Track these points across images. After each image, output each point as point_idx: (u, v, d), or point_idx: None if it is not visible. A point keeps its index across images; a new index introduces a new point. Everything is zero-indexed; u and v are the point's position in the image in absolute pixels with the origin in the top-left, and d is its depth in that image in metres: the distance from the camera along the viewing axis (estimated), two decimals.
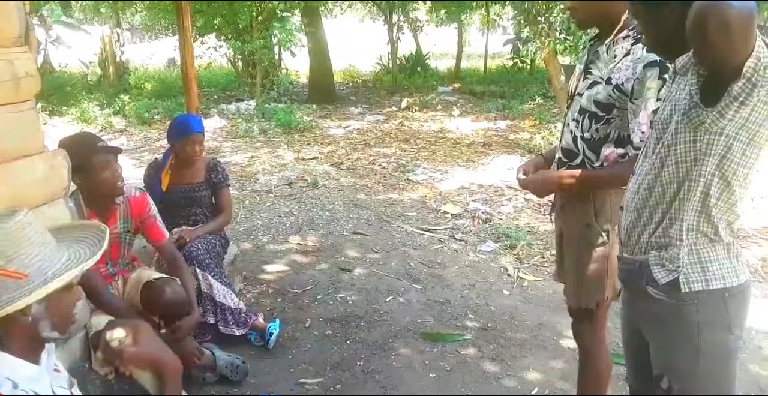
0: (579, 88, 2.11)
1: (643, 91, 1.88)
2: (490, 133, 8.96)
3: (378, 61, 16.57)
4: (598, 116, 2.02)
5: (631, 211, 1.66)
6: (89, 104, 10.99)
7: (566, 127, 2.16)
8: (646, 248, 1.62)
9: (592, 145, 2.07)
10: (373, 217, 5.38)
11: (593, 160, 2.07)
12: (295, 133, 9.18)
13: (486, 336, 3.34)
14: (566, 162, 2.16)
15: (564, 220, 2.24)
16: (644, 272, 1.61)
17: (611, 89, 1.96)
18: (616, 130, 2.02)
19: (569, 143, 2.14)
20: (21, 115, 2.23)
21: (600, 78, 2.02)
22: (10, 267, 1.14)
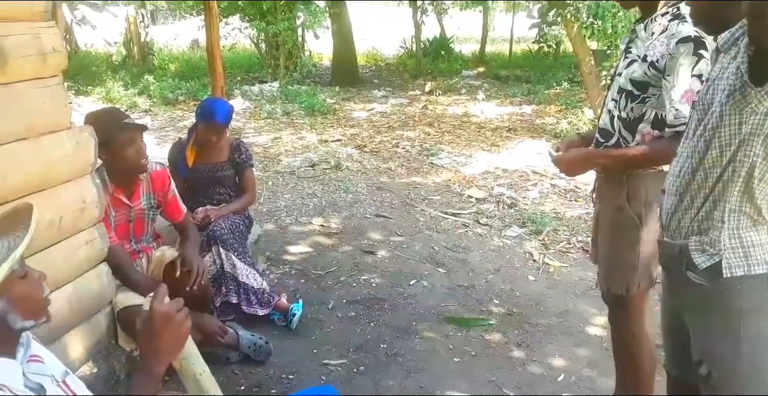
0: (619, 68, 2.07)
1: (675, 67, 1.83)
2: (515, 117, 8.85)
3: (402, 44, 16.41)
4: (633, 95, 1.98)
5: (672, 195, 1.61)
6: (114, 84, 11.05)
7: (605, 107, 2.12)
8: (686, 233, 1.56)
9: (627, 124, 2.02)
10: (396, 200, 5.34)
11: (629, 140, 2.03)
12: (318, 116, 9.14)
13: (511, 321, 3.30)
14: (602, 142, 2.12)
15: (599, 201, 2.20)
16: (684, 257, 1.55)
17: (647, 66, 1.92)
18: (651, 110, 1.97)
19: (606, 123, 2.10)
20: (48, 90, 2.21)
21: (637, 56, 1.98)
22: None
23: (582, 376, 2.80)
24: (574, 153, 2.17)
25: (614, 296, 2.18)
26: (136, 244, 2.81)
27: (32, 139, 2.10)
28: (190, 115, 8.96)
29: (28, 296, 1.24)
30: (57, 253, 2.22)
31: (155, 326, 1.27)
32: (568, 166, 2.18)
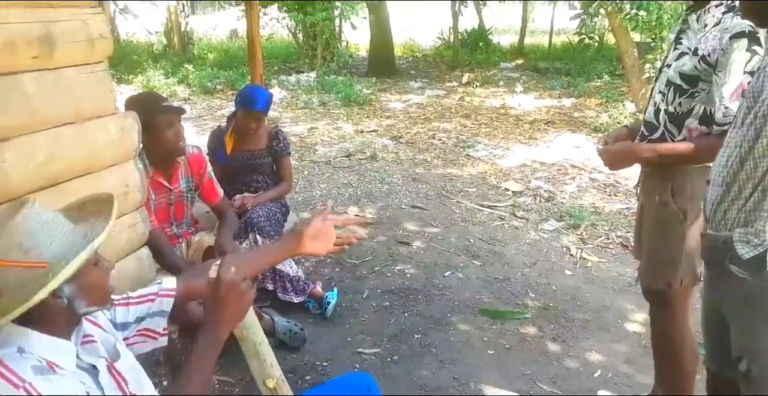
0: (668, 60, 2.01)
1: (727, 64, 1.76)
2: (554, 110, 8.72)
3: (439, 35, 16.29)
4: (682, 89, 1.92)
5: (719, 186, 1.56)
6: (155, 73, 11.23)
7: (651, 100, 2.07)
8: (732, 224, 1.51)
9: (674, 119, 1.97)
10: (431, 191, 5.32)
11: (674, 135, 1.98)
12: (355, 106, 9.15)
13: (547, 315, 3.26)
14: (647, 135, 2.07)
15: (643, 196, 2.16)
16: (728, 249, 1.51)
17: (697, 60, 1.86)
18: (700, 105, 1.91)
19: (651, 116, 2.05)
20: (95, 75, 2.24)
21: (688, 49, 1.92)
22: (30, 258, 1.14)
23: (619, 372, 2.76)
24: (618, 146, 2.12)
25: (655, 292, 2.13)
26: (177, 228, 2.85)
27: (78, 123, 2.14)
28: (228, 104, 9.06)
29: (97, 283, 1.27)
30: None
31: (221, 293, 1.31)
32: (612, 159, 2.12)
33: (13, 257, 1.14)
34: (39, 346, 1.19)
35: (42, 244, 1.16)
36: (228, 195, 3.35)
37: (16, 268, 1.14)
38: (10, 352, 1.16)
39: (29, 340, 1.19)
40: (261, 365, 1.38)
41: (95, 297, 1.26)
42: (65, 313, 1.22)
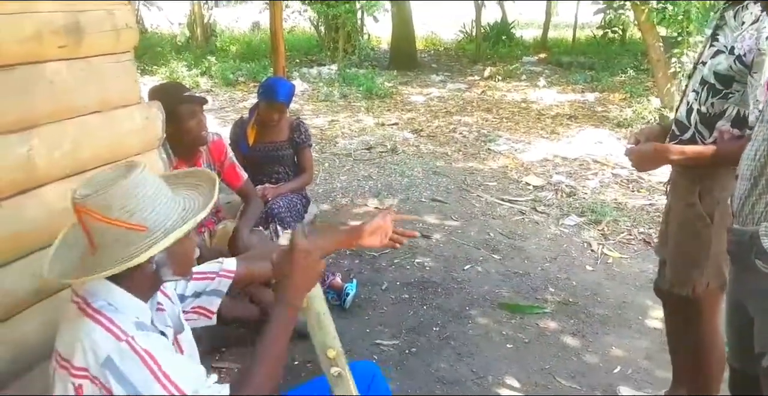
0: (704, 56, 1.93)
1: (763, 65, 1.70)
2: (577, 105, 8.63)
3: (461, 29, 16.19)
4: (716, 89, 1.86)
5: (746, 180, 1.53)
6: (178, 64, 11.31)
7: (684, 98, 2.00)
8: (759, 219, 1.49)
9: (706, 120, 1.91)
10: (452, 185, 5.30)
11: (705, 137, 1.92)
12: (376, 99, 9.14)
13: (566, 310, 3.25)
14: (677, 135, 2.01)
15: (672, 195, 2.11)
16: (754, 244, 1.48)
17: (733, 60, 1.79)
18: (734, 107, 1.85)
19: (683, 115, 1.99)
20: (121, 65, 2.27)
21: (724, 46, 1.84)
22: (132, 220, 1.19)
23: (639, 368, 2.74)
24: (647, 146, 2.04)
25: (680, 295, 2.10)
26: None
27: (104, 112, 2.17)
28: (250, 96, 9.11)
29: (185, 254, 1.32)
30: None
31: (296, 260, 1.33)
32: (638, 159, 2.05)
33: (116, 216, 1.18)
34: (123, 304, 1.24)
35: (145, 209, 1.20)
36: None
37: (117, 227, 1.18)
38: (104, 306, 1.21)
39: (115, 296, 1.24)
40: (324, 335, 1.40)
41: (181, 267, 1.31)
42: (151, 278, 1.27)
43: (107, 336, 1.15)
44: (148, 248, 1.18)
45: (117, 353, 1.13)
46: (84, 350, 1.14)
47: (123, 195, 1.18)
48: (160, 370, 1.13)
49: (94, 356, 1.13)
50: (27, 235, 1.87)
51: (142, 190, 1.21)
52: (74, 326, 1.20)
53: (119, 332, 1.16)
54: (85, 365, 1.14)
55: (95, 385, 1.13)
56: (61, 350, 1.20)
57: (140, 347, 1.14)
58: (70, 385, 1.15)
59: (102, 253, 1.21)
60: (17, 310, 1.87)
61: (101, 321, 1.18)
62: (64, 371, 1.17)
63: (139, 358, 1.13)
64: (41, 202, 1.92)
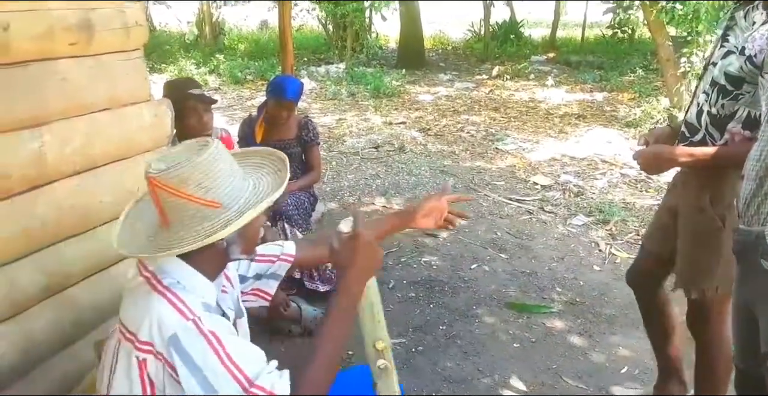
0: (714, 57, 1.92)
1: None
2: (585, 104, 8.60)
3: (470, 27, 16.16)
4: (726, 90, 1.84)
5: (752, 180, 1.53)
6: (186, 62, 11.35)
7: (695, 99, 1.99)
8: (765, 219, 1.48)
9: (716, 121, 1.89)
10: (459, 184, 5.30)
11: (716, 139, 1.90)
12: (383, 98, 9.14)
13: (574, 310, 3.24)
14: (688, 137, 1.99)
15: (681, 198, 2.08)
16: (759, 244, 1.48)
17: (744, 61, 1.76)
18: (744, 109, 1.83)
19: (693, 117, 1.97)
20: (131, 63, 2.28)
21: (735, 47, 1.82)
22: (207, 197, 1.19)
23: (647, 369, 2.73)
24: (655, 149, 2.03)
25: (690, 299, 2.09)
26: None
27: (114, 109, 2.18)
28: (258, 95, 9.13)
29: (254, 233, 1.33)
30: None
31: (359, 249, 1.32)
32: (647, 162, 2.02)
33: (191, 192, 1.19)
34: (192, 283, 1.24)
35: (220, 186, 1.21)
36: None
37: (193, 203, 1.19)
38: (174, 284, 1.22)
39: (185, 274, 1.24)
40: (374, 326, 1.38)
41: (249, 246, 1.32)
42: (221, 256, 1.28)
43: (175, 313, 1.16)
44: (226, 225, 1.18)
45: (183, 331, 1.14)
46: (150, 325, 1.15)
47: (199, 171, 1.19)
48: (224, 352, 1.13)
49: (159, 332, 1.14)
50: (37, 231, 1.89)
51: (218, 166, 1.21)
52: (143, 301, 1.20)
53: (187, 311, 1.16)
54: (150, 340, 1.15)
55: (159, 361, 1.14)
56: (128, 323, 1.20)
57: (206, 328, 1.14)
58: (134, 358, 1.16)
59: (176, 229, 1.21)
60: (27, 306, 1.89)
61: (170, 298, 1.18)
62: (130, 344, 1.17)
63: (204, 339, 1.13)
64: (51, 199, 1.93)
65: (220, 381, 1.12)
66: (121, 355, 1.19)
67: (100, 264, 2.17)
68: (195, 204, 1.19)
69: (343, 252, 1.33)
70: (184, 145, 1.30)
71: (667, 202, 2.22)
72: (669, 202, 2.20)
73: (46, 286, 1.94)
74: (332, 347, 1.25)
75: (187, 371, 1.12)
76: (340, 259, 1.34)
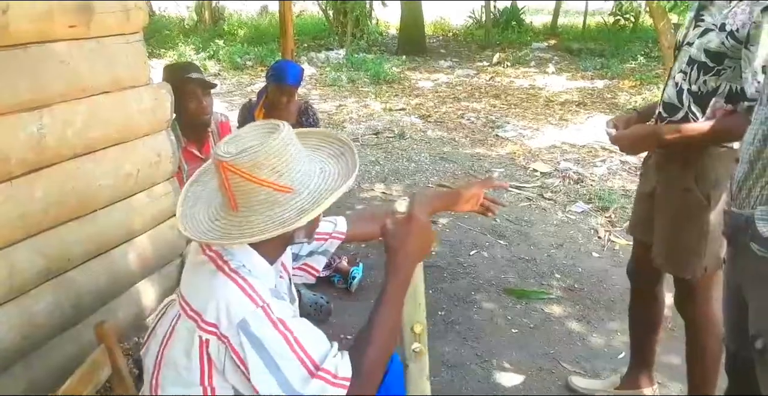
0: (689, 37, 1.92)
1: (759, 36, 1.70)
2: (586, 92, 8.57)
3: (471, 14, 16.07)
4: (707, 67, 1.84)
5: (745, 163, 1.53)
6: (186, 48, 11.29)
7: (671, 80, 1.99)
8: (755, 202, 1.49)
9: (698, 98, 1.89)
10: (459, 170, 5.30)
11: (698, 116, 1.90)
12: (384, 84, 9.11)
13: (572, 296, 3.26)
14: (666, 117, 1.99)
15: (660, 180, 2.07)
16: (750, 227, 1.48)
17: (725, 36, 1.78)
18: (726, 83, 1.84)
19: (672, 97, 1.97)
20: (130, 46, 2.27)
21: (713, 25, 1.83)
22: (281, 181, 1.18)
23: None
24: (638, 129, 2.03)
25: (679, 280, 2.10)
26: None
27: (115, 92, 2.18)
28: (258, 80, 9.10)
29: (318, 219, 1.31)
30: (134, 204, 2.31)
31: (413, 230, 1.30)
32: (631, 143, 2.02)
33: (265, 176, 1.17)
34: (256, 266, 1.23)
35: (292, 170, 1.19)
36: None
37: (266, 187, 1.17)
38: (241, 268, 1.20)
39: (250, 257, 1.23)
40: (415, 309, 1.37)
41: (310, 230, 1.32)
42: (285, 241, 1.28)
43: (245, 299, 1.15)
44: (300, 213, 1.17)
45: (253, 317, 1.13)
46: (218, 308, 1.14)
47: (273, 154, 1.16)
48: (293, 337, 1.14)
49: (228, 316, 1.14)
50: (36, 214, 1.89)
51: (289, 150, 1.19)
52: (210, 281, 1.19)
53: (257, 297, 1.16)
54: (216, 322, 1.14)
55: (222, 343, 1.14)
56: (192, 301, 1.20)
57: (275, 315, 1.15)
58: (197, 337, 1.16)
59: (245, 214, 1.19)
60: (26, 288, 1.90)
61: (239, 283, 1.17)
62: (193, 323, 1.17)
63: (273, 325, 1.14)
64: (51, 182, 1.94)
65: (289, 365, 1.13)
66: (179, 330, 1.19)
67: (100, 248, 2.18)
68: (267, 188, 1.17)
69: (397, 234, 1.31)
70: (251, 126, 1.27)
71: (644, 189, 2.20)
72: (646, 187, 2.18)
73: (45, 270, 1.95)
74: (386, 329, 1.25)
75: (257, 355, 1.12)
76: (393, 241, 1.31)
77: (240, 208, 1.20)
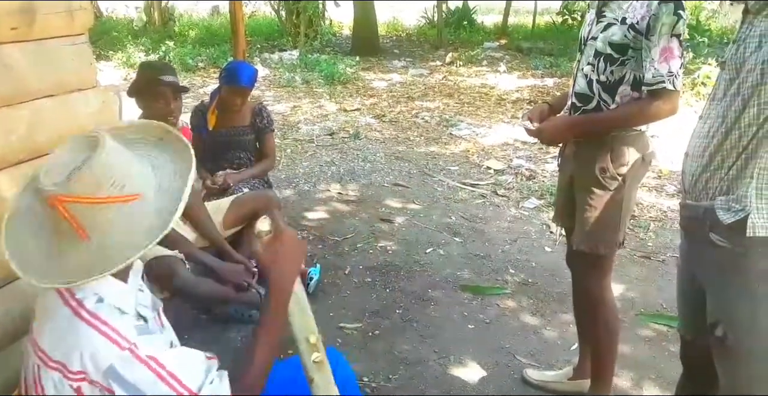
0: (593, 33, 2.08)
1: (657, 27, 1.87)
2: (537, 90, 8.74)
3: (423, 14, 16.19)
4: (613, 58, 2.00)
5: (699, 157, 1.60)
6: (135, 49, 11.05)
7: (579, 73, 2.13)
8: (713, 193, 1.56)
9: (607, 87, 2.05)
10: (414, 169, 5.34)
11: (609, 103, 2.05)
12: (338, 85, 9.10)
13: (526, 291, 3.33)
14: (580, 106, 2.13)
15: (577, 165, 2.20)
16: (708, 218, 1.56)
17: (626, 29, 1.95)
18: (630, 72, 2.00)
19: (583, 88, 2.10)
20: (76, 48, 2.22)
21: (615, 19, 2.00)
22: (125, 192, 1.10)
23: None
24: (558, 121, 2.19)
25: (589, 256, 2.20)
26: None
27: (60, 96, 2.12)
28: (210, 82, 8.98)
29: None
30: None
31: (285, 244, 1.30)
32: (552, 135, 2.18)
33: (107, 194, 1.08)
34: (111, 291, 1.17)
35: (129, 176, 1.12)
36: (210, 171, 3.36)
37: (111, 205, 1.09)
38: (100, 306, 1.13)
39: (103, 285, 1.15)
40: (305, 321, 1.36)
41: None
42: None
43: (109, 344, 1.10)
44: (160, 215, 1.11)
45: (120, 362, 1.09)
46: (82, 358, 1.09)
47: (107, 168, 1.08)
48: (166, 372, 1.11)
49: (94, 364, 1.08)
50: None
51: (120, 156, 1.12)
52: (69, 330, 1.12)
53: (121, 340, 1.11)
54: (83, 369, 1.09)
55: (95, 387, 1.09)
56: (50, 351, 1.13)
57: (144, 354, 1.10)
58: (68, 386, 1.10)
59: (101, 239, 1.10)
60: None
61: (101, 328, 1.11)
62: (58, 373, 1.11)
63: (143, 365, 1.10)
64: None
65: None
66: (46, 381, 1.13)
67: None
68: (114, 205, 1.09)
69: (268, 254, 1.31)
70: (64, 148, 1.14)
71: (563, 178, 2.33)
72: (564, 177, 2.31)
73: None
74: (267, 350, 1.25)
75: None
76: (266, 262, 1.31)
77: (92, 236, 1.09)
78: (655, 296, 3.29)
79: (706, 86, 7.27)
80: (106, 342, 1.10)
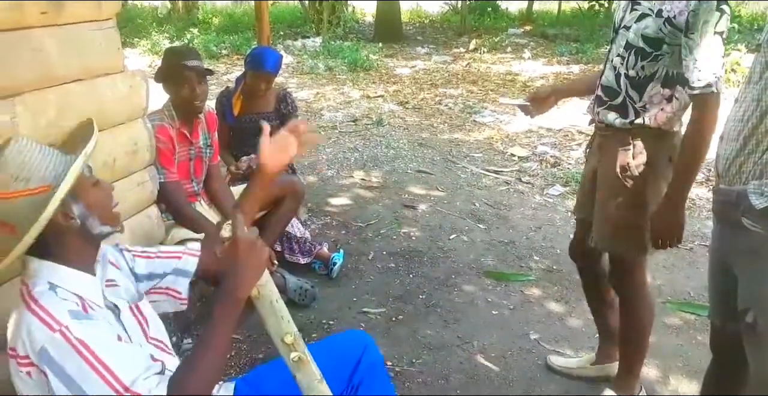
0: (626, 21, 1.95)
1: (698, 25, 1.73)
2: (562, 77, 8.64)
3: (446, 1, 16.06)
4: (645, 52, 1.87)
5: (733, 140, 1.57)
6: (159, 37, 11.13)
7: (609, 63, 2.02)
8: (747, 177, 1.53)
9: (635, 83, 1.93)
10: (437, 156, 5.32)
11: (635, 100, 1.95)
12: (361, 71, 9.08)
13: (551, 278, 3.31)
14: (606, 101, 2.03)
15: (602, 160, 2.11)
16: (741, 202, 1.53)
17: (662, 22, 1.81)
18: (663, 68, 1.88)
19: (610, 81, 2.00)
20: (103, 33, 2.24)
21: (649, 10, 1.86)
22: (32, 186, 1.19)
23: None
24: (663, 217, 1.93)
25: (612, 257, 2.15)
26: (197, 186, 2.85)
27: (87, 80, 2.14)
28: (234, 69, 9.02)
29: (102, 202, 1.32)
30: None
31: (240, 253, 1.30)
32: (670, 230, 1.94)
33: (14, 189, 1.18)
34: (67, 280, 1.23)
35: (38, 169, 1.20)
36: (235, 157, 3.39)
37: (23, 198, 1.18)
38: (44, 291, 1.20)
39: (57, 272, 1.23)
40: (278, 322, 1.35)
41: (105, 216, 1.31)
42: (82, 236, 1.27)
43: (41, 326, 1.13)
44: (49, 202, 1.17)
45: (50, 344, 1.12)
46: (23, 340, 1.14)
47: (10, 167, 1.18)
48: (95, 359, 1.12)
49: (31, 346, 1.13)
50: None
51: (28, 154, 1.20)
52: (15, 316, 1.20)
53: (52, 322, 1.14)
54: (25, 354, 1.14)
55: (40, 372, 1.14)
56: (9, 339, 1.20)
57: (74, 337, 1.12)
58: (21, 372, 1.16)
59: (23, 228, 1.18)
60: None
61: (36, 310, 1.16)
62: (14, 360, 1.17)
63: (72, 348, 1.12)
64: None
65: (94, 388, 1.11)
66: (13, 374, 1.18)
67: None
68: (25, 199, 1.18)
69: (227, 260, 1.32)
70: None
71: (588, 169, 2.25)
72: (589, 168, 2.23)
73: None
74: (214, 355, 1.24)
75: (60, 383, 1.11)
76: (226, 268, 1.32)
77: (16, 228, 1.19)
78: (682, 284, 3.25)
79: (735, 73, 7.12)
80: (39, 324, 1.14)
